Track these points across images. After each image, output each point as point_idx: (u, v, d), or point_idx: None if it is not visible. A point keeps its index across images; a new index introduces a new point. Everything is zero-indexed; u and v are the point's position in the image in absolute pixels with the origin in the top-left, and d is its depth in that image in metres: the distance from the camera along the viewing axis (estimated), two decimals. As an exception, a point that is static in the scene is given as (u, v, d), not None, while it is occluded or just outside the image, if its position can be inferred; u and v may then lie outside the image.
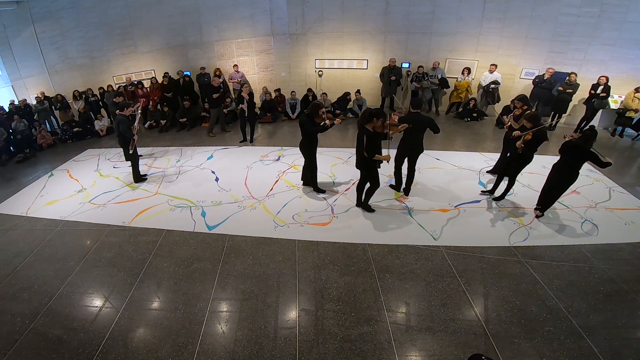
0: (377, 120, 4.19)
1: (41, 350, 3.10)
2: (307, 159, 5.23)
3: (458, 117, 8.87)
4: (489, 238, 4.33)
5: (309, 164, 5.27)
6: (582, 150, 4.09)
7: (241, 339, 3.10)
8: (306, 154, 5.17)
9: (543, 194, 4.65)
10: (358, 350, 2.96)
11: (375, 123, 4.20)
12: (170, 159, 7.09)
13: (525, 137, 4.34)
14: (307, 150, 5.12)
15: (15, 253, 4.46)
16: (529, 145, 4.38)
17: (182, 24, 9.44)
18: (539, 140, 4.37)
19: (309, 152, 5.14)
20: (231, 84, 9.58)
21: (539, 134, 4.31)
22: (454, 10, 8.38)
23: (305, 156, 5.23)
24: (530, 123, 4.36)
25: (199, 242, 4.44)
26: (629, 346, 2.93)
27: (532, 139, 4.35)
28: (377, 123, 4.21)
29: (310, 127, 4.85)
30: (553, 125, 8.02)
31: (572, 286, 3.56)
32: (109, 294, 3.71)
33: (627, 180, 5.70)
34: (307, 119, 4.90)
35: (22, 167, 7.41)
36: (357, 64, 9.62)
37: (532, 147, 4.40)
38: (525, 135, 4.34)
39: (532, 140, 4.36)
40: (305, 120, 4.89)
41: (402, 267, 3.87)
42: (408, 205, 5.04)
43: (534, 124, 4.34)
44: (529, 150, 4.45)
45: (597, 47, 7.54)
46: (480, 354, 1.93)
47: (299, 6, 9.16)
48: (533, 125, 4.34)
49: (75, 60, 9.44)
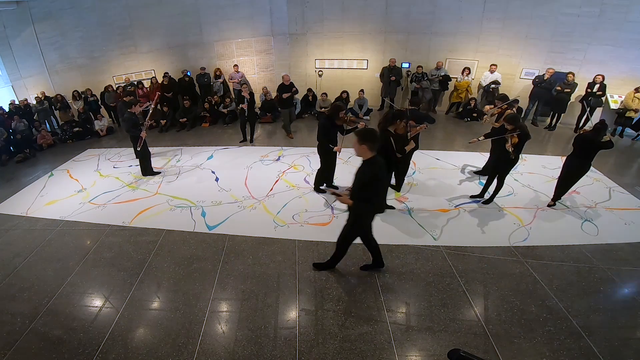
0: (399, 122, 4.28)
1: (41, 350, 3.10)
2: (323, 162, 5.07)
3: (458, 117, 8.87)
4: (489, 238, 4.33)
5: (327, 167, 5.12)
6: (593, 143, 4.36)
7: (241, 339, 3.10)
8: (323, 156, 5.02)
9: (558, 186, 4.85)
10: (358, 350, 2.96)
11: (398, 125, 4.28)
12: (170, 159, 7.09)
13: (513, 141, 4.38)
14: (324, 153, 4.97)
15: (15, 253, 4.46)
16: (516, 147, 4.45)
17: (182, 24, 9.45)
18: (523, 141, 4.45)
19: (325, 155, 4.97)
20: (231, 84, 9.59)
21: (523, 134, 4.40)
22: (454, 10, 8.38)
23: (321, 158, 5.05)
24: (511, 125, 4.43)
25: (199, 242, 4.44)
26: (629, 346, 2.93)
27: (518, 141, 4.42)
28: (400, 125, 4.30)
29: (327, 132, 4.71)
30: (553, 125, 8.03)
31: (572, 286, 3.56)
32: (109, 294, 3.71)
33: (627, 180, 5.70)
34: (326, 121, 4.75)
35: (22, 167, 7.42)
36: (357, 64, 9.63)
37: (518, 148, 4.47)
38: (512, 139, 4.38)
39: (518, 142, 4.44)
40: (324, 122, 4.75)
41: (402, 267, 3.87)
42: (408, 205, 5.04)
43: (515, 125, 4.40)
44: (517, 152, 4.51)
45: (597, 47, 7.54)
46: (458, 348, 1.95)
47: (299, 6, 9.16)
48: (514, 127, 4.40)
49: (75, 60, 9.43)
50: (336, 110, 4.76)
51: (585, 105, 7.03)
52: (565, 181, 4.76)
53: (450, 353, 1.92)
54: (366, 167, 2.95)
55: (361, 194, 2.96)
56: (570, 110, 7.88)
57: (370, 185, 2.91)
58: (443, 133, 7.96)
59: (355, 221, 3.27)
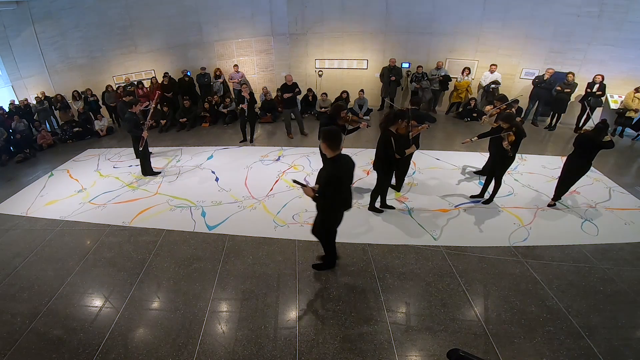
0: (401, 122, 4.25)
1: (41, 350, 3.10)
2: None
3: (458, 117, 8.87)
4: (489, 238, 4.32)
5: None
6: (594, 142, 4.39)
7: (241, 339, 3.10)
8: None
9: (558, 185, 4.86)
10: (358, 350, 2.96)
11: (400, 125, 4.25)
12: (170, 159, 7.09)
13: (510, 139, 4.39)
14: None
15: (15, 253, 4.46)
16: (513, 145, 4.46)
17: (182, 24, 9.44)
18: (520, 138, 4.47)
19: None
20: (231, 84, 9.59)
21: (518, 132, 4.42)
22: (454, 10, 8.38)
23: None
24: (506, 123, 4.44)
25: (199, 242, 4.44)
26: (629, 346, 2.93)
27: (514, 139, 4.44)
28: (402, 124, 4.27)
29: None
30: (553, 125, 8.03)
31: (572, 286, 3.56)
32: (109, 294, 3.71)
33: (627, 180, 5.70)
34: (328, 121, 4.72)
35: (22, 167, 7.42)
36: (357, 64, 9.63)
37: (514, 146, 4.48)
38: (509, 137, 4.40)
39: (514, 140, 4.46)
40: (326, 122, 4.70)
41: (402, 267, 3.87)
42: (408, 205, 5.04)
43: (510, 123, 4.43)
44: (513, 150, 4.52)
45: (597, 47, 7.54)
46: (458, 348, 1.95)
47: (299, 6, 9.16)
48: (510, 125, 4.42)
49: (75, 60, 9.43)
50: (338, 110, 4.78)
51: (585, 105, 7.03)
52: (565, 180, 4.77)
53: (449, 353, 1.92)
54: (328, 165, 3.07)
55: (325, 191, 3.04)
56: (570, 110, 7.87)
57: (332, 183, 3.01)
58: (443, 133, 7.96)
59: (324, 217, 3.37)
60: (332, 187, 3.01)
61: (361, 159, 6.52)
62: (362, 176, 5.92)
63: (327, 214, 3.32)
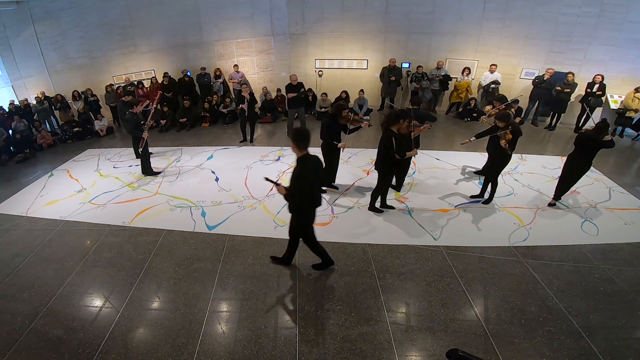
0: (403, 122, 4.24)
1: (41, 350, 3.10)
2: (327, 161, 5.04)
3: (458, 117, 8.87)
4: (489, 238, 4.33)
5: (330, 166, 5.11)
6: (594, 141, 4.42)
7: (241, 339, 3.10)
8: (327, 156, 5.00)
9: (559, 185, 4.87)
10: (358, 350, 2.96)
11: (401, 125, 4.24)
12: (170, 159, 7.09)
13: (507, 137, 4.40)
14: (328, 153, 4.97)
15: (15, 253, 4.46)
16: (510, 143, 4.46)
17: (182, 24, 9.44)
18: (516, 137, 4.47)
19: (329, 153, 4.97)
20: (231, 84, 9.59)
21: (515, 131, 4.42)
22: (454, 10, 8.38)
23: (325, 157, 5.02)
24: (502, 122, 4.45)
25: (199, 242, 4.44)
26: (629, 346, 2.93)
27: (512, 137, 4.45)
28: (403, 124, 4.27)
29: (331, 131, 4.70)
30: (553, 125, 8.03)
31: (572, 286, 3.56)
32: (109, 294, 3.71)
33: (627, 180, 5.70)
34: (330, 120, 4.73)
35: (22, 167, 7.41)
36: (357, 64, 9.63)
37: (511, 145, 4.48)
38: (506, 136, 4.40)
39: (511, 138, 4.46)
40: (328, 122, 4.73)
41: (402, 267, 3.87)
42: (408, 205, 5.04)
43: (506, 122, 4.43)
44: (511, 149, 4.53)
45: (597, 47, 7.54)
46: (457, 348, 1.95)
47: (299, 6, 9.16)
48: (506, 124, 4.43)
49: (75, 60, 9.43)
50: (339, 109, 4.79)
51: (585, 105, 7.03)
52: (566, 180, 4.79)
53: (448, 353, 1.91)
54: (298, 164, 3.13)
55: (295, 190, 3.11)
56: (570, 110, 7.88)
57: (299, 182, 3.08)
58: (443, 133, 7.96)
59: (297, 216, 3.42)
60: (298, 186, 3.08)
61: (361, 159, 6.54)
62: (362, 176, 5.92)
63: (298, 213, 3.38)
